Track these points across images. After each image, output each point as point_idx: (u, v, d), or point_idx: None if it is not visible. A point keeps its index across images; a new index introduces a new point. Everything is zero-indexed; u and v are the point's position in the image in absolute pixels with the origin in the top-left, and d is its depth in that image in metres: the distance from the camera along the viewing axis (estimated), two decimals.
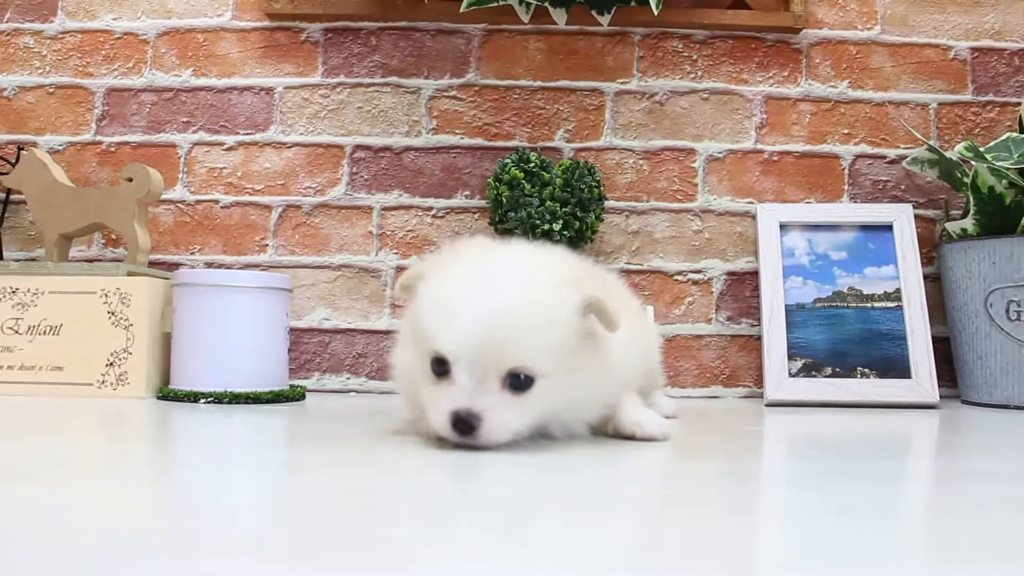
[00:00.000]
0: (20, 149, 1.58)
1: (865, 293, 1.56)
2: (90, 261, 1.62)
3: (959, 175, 1.54)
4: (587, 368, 0.85)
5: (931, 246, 1.66)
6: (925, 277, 1.57)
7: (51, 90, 1.68)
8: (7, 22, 1.69)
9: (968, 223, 1.50)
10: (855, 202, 1.66)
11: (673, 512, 0.56)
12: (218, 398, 1.26)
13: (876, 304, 1.55)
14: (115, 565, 0.39)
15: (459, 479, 0.66)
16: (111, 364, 1.32)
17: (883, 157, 1.67)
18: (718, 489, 0.65)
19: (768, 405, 1.47)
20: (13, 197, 1.64)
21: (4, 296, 1.34)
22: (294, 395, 1.35)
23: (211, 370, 1.28)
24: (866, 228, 1.60)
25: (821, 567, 0.42)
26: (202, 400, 1.26)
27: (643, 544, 0.46)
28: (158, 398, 1.31)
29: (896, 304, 1.54)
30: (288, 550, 0.43)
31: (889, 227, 1.59)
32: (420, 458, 0.77)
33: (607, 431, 0.92)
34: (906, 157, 1.63)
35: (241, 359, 1.30)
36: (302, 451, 0.82)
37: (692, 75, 1.68)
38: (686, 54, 1.68)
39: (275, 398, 1.30)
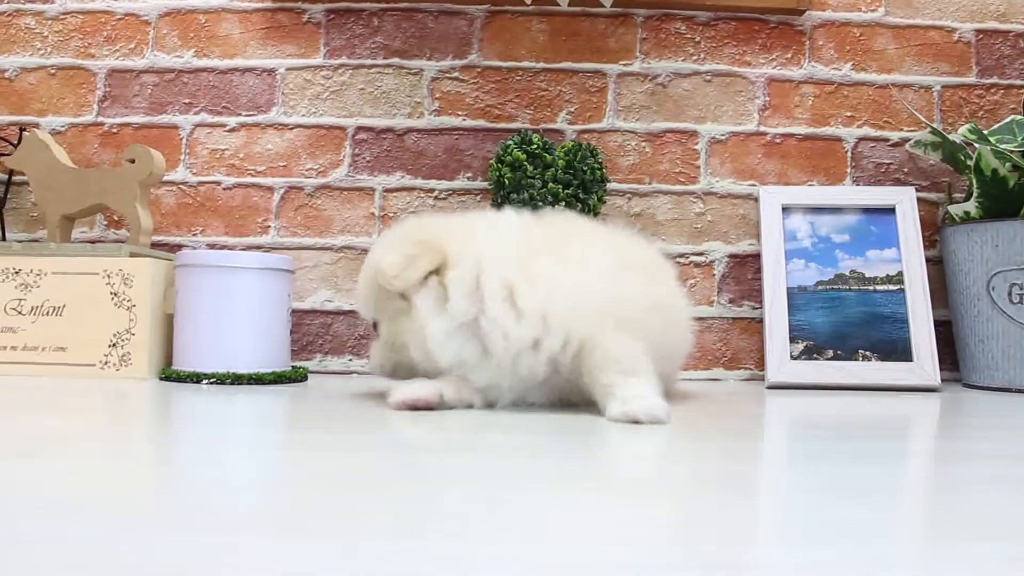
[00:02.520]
0: (22, 130, 1.58)
1: (867, 276, 1.56)
2: (92, 242, 1.62)
3: (962, 158, 1.54)
4: (406, 317, 1.01)
5: (934, 229, 1.66)
6: (927, 260, 1.57)
7: (53, 71, 1.68)
8: (8, 3, 1.68)
9: (971, 206, 1.50)
10: (858, 185, 1.66)
11: (673, 491, 0.56)
12: (220, 379, 1.26)
13: (878, 287, 1.55)
14: (117, 541, 0.40)
15: (459, 459, 0.66)
16: (114, 345, 1.32)
17: (886, 140, 1.67)
18: (717, 468, 0.65)
19: (769, 388, 1.47)
20: (15, 178, 1.64)
21: (7, 277, 1.34)
22: (296, 376, 1.36)
23: (213, 351, 1.29)
24: (869, 211, 1.60)
25: (819, 544, 0.42)
26: (204, 381, 1.26)
27: (641, 522, 0.47)
28: (160, 379, 1.31)
29: (898, 287, 1.54)
30: (289, 528, 0.43)
31: (892, 210, 1.59)
32: (421, 438, 0.77)
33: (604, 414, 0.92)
34: (909, 140, 1.63)
35: (243, 340, 1.30)
36: (304, 432, 0.82)
37: (695, 57, 1.68)
38: (689, 36, 1.68)
39: (277, 379, 1.31)
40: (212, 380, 1.26)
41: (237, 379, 1.27)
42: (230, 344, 1.29)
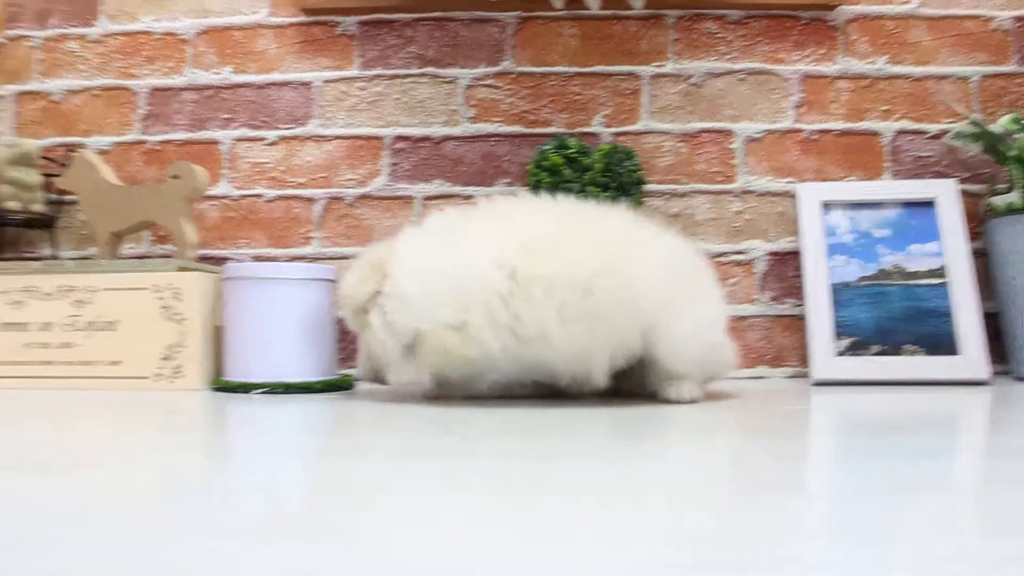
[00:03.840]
0: (70, 151, 1.62)
1: (910, 270, 1.55)
2: (140, 258, 1.65)
3: (1003, 149, 1.53)
4: (370, 331, 1.15)
5: (976, 221, 1.65)
6: (972, 252, 1.56)
7: (96, 92, 1.71)
8: (53, 28, 1.72)
9: (1014, 197, 1.49)
10: (897, 179, 1.65)
11: (720, 490, 0.57)
12: (271, 389, 1.28)
13: (921, 281, 1.54)
14: (170, 547, 0.41)
15: (507, 463, 0.67)
16: (166, 358, 1.35)
17: (924, 133, 1.66)
18: (765, 467, 0.65)
19: (815, 385, 1.47)
20: (65, 198, 1.67)
21: (62, 294, 1.37)
22: (344, 384, 1.37)
23: (262, 362, 1.30)
24: (909, 205, 1.59)
25: (870, 542, 0.42)
26: (255, 391, 1.28)
27: (689, 522, 0.47)
28: (212, 390, 1.34)
29: (942, 280, 1.53)
30: (339, 532, 0.44)
31: (932, 203, 1.58)
32: (468, 444, 0.78)
33: None
34: (948, 132, 1.62)
35: (291, 350, 1.32)
36: (352, 438, 0.83)
37: (727, 56, 1.68)
38: (721, 35, 1.68)
39: (325, 388, 1.32)
40: (263, 390, 1.28)
41: (287, 388, 1.28)
42: (279, 354, 1.31)
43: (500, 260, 1.06)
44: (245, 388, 1.29)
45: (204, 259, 1.65)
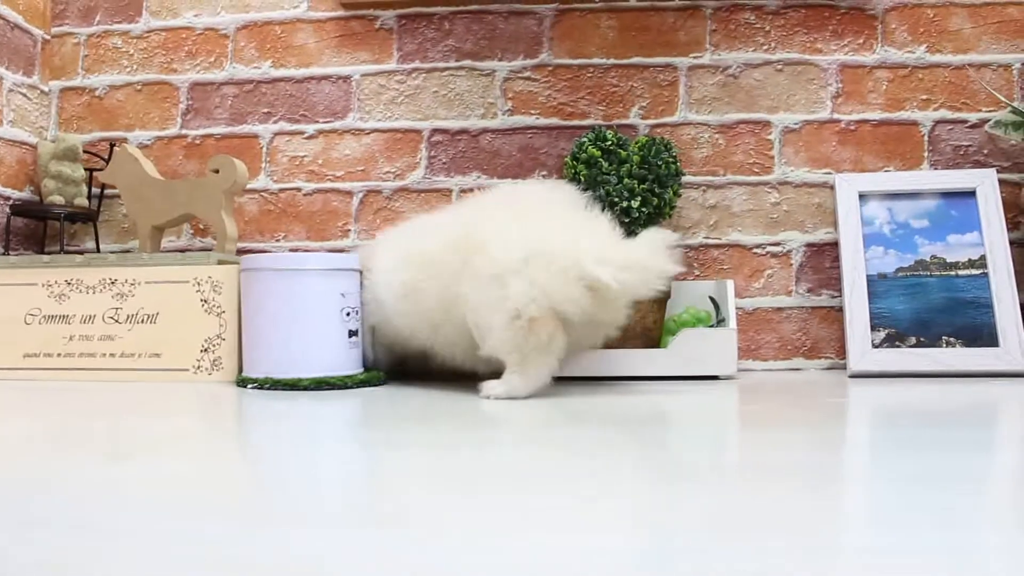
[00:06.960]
0: (112, 146, 1.65)
1: (948, 261, 1.54)
2: (180, 251, 1.67)
3: None
4: None
5: (1017, 211, 1.62)
6: (1012, 243, 1.54)
7: (139, 87, 1.74)
8: (97, 24, 1.75)
9: None
10: (936, 169, 1.64)
11: (758, 480, 0.57)
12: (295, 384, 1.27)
13: (960, 272, 1.53)
14: (212, 535, 0.42)
15: (543, 454, 0.68)
16: (205, 350, 1.37)
17: (964, 122, 1.64)
18: (803, 457, 0.66)
19: (851, 376, 1.46)
20: (106, 192, 1.71)
21: (104, 287, 1.40)
22: (376, 380, 1.37)
23: (288, 356, 1.30)
24: (948, 195, 1.58)
25: (908, 532, 0.43)
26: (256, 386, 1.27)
27: (728, 510, 0.48)
28: (237, 384, 1.34)
29: (981, 271, 1.51)
30: (372, 521, 0.45)
31: (972, 193, 1.56)
32: (497, 435, 0.79)
33: None
34: (988, 120, 1.60)
35: (321, 344, 1.31)
36: (383, 431, 0.85)
37: (765, 47, 1.67)
38: (758, 25, 1.67)
39: (360, 383, 1.32)
40: (284, 385, 1.28)
41: (319, 384, 1.27)
42: (305, 349, 1.31)
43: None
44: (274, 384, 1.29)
45: (243, 252, 1.67)
